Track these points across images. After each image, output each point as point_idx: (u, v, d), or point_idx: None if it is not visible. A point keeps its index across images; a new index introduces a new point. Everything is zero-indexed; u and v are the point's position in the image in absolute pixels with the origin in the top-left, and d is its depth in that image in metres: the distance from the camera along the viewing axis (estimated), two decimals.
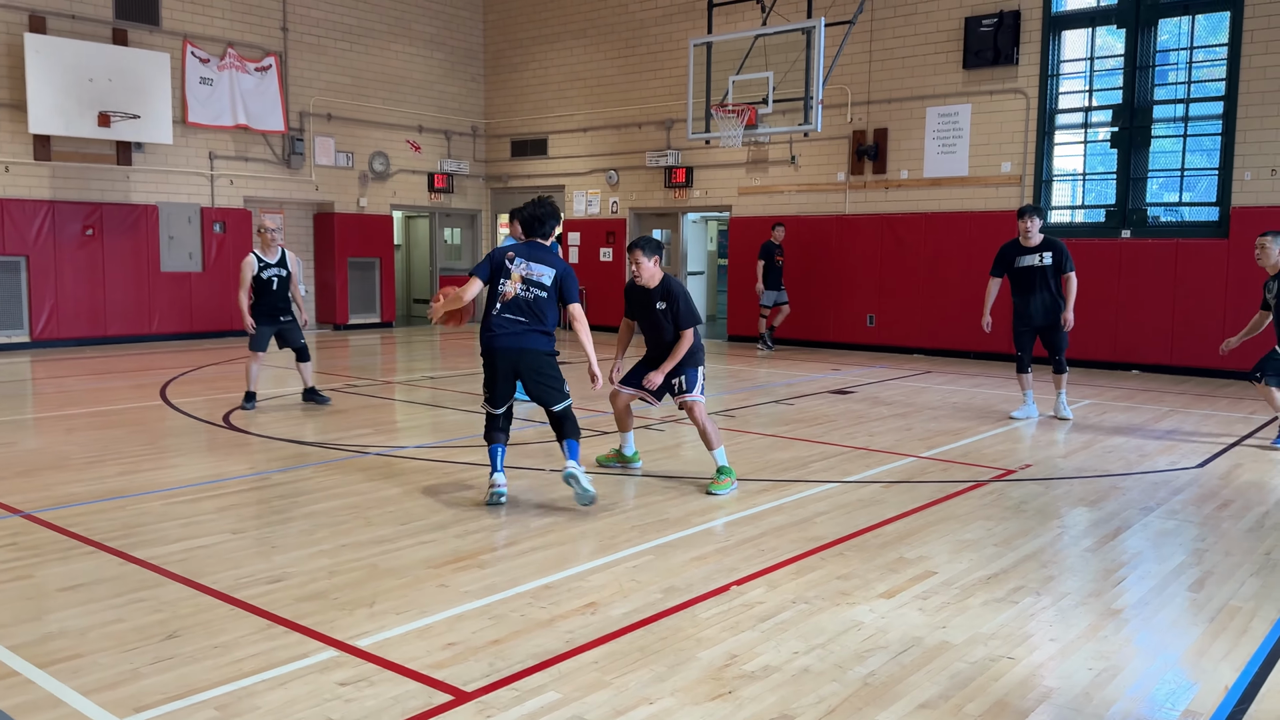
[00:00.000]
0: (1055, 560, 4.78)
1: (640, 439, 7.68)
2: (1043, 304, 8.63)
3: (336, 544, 4.92)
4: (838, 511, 5.56)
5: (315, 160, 16.54)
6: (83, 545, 4.84)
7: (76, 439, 7.53)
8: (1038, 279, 8.61)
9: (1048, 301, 8.62)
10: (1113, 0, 12.62)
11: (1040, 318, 8.65)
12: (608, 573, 4.51)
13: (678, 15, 16.45)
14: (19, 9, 13.23)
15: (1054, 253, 8.58)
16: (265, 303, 8.89)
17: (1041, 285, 8.61)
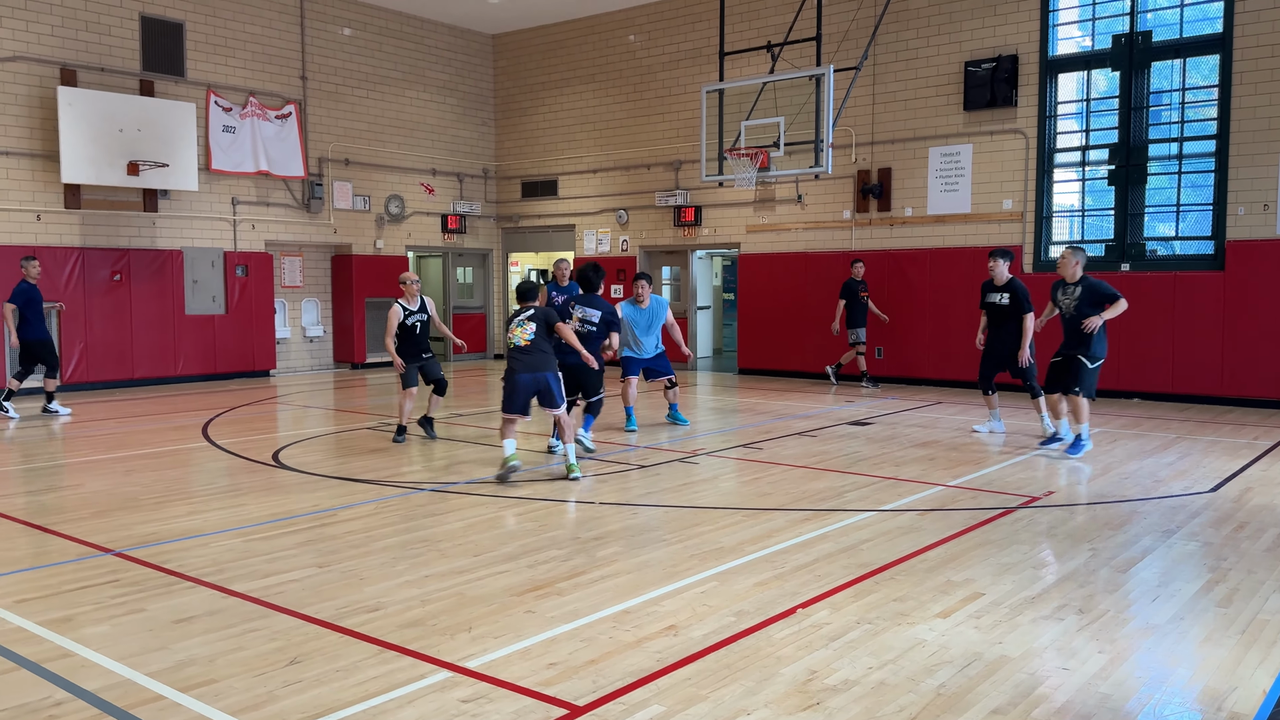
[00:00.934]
0: (1091, 580, 5.14)
1: (678, 472, 8.05)
2: (1002, 339, 9.57)
3: (419, 575, 5.25)
4: (881, 539, 5.92)
5: (334, 204, 16.96)
6: (181, 580, 5.17)
7: (138, 480, 7.85)
8: (999, 316, 9.57)
9: (1006, 338, 9.54)
10: (1106, 44, 13.17)
11: (1000, 351, 9.59)
12: (679, 598, 4.85)
13: (684, 61, 16.98)
14: (51, 63, 13.65)
15: (1011, 294, 9.48)
16: (411, 344, 9.61)
17: (1002, 322, 9.56)
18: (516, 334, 7.89)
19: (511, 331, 7.94)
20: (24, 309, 11.46)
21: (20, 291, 11.47)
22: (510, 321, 8.05)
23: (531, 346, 7.80)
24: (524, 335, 7.83)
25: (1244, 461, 8.50)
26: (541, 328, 7.86)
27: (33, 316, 11.50)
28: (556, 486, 7.54)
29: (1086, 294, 8.55)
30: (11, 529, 6.26)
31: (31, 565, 5.44)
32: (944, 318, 14.36)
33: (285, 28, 16.23)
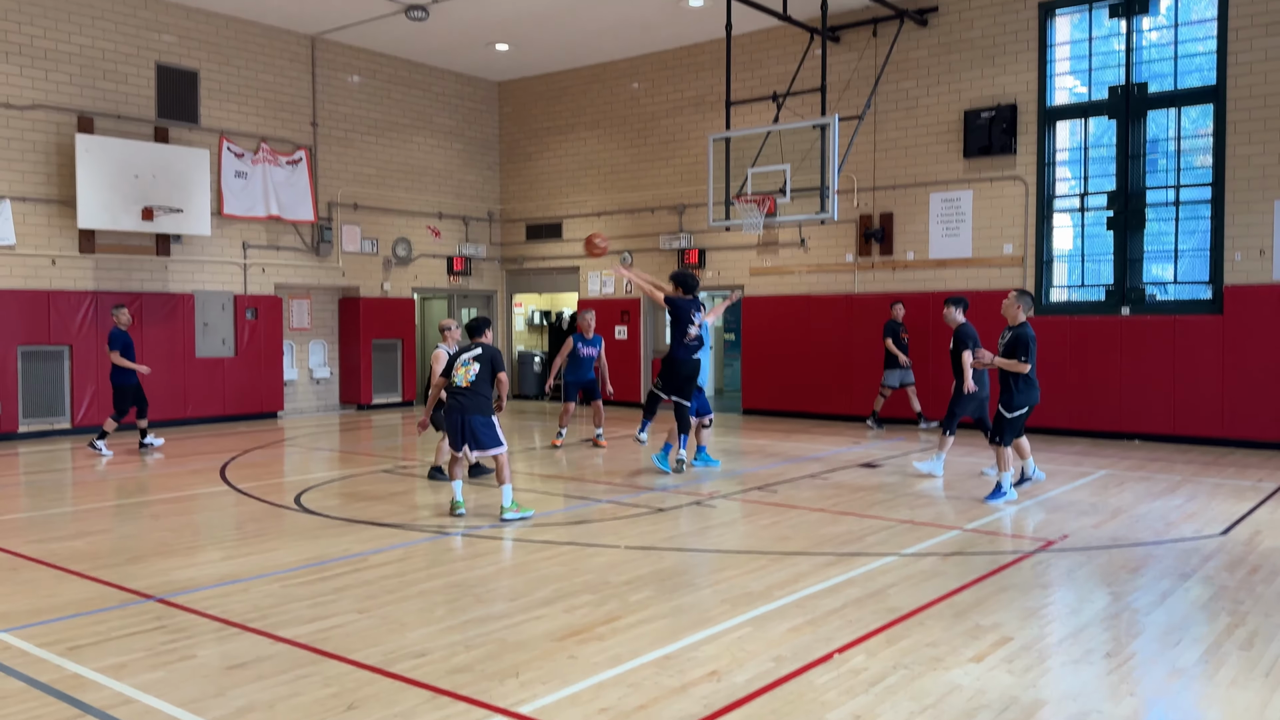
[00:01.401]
0: (1115, 624, 5.29)
1: (696, 515, 8.19)
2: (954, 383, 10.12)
3: (459, 620, 5.37)
4: (906, 583, 6.06)
5: (342, 247, 17.17)
6: (227, 626, 5.27)
7: (166, 525, 7.95)
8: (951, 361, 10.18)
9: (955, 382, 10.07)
10: (1103, 95, 13.52)
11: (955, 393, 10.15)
12: (716, 644, 4.98)
13: (687, 108, 17.32)
14: (69, 111, 13.89)
15: (955, 337, 10.09)
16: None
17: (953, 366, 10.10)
18: (460, 373, 8.17)
19: (457, 369, 8.20)
20: (124, 352, 12.07)
21: (117, 336, 12.10)
22: (456, 357, 8.27)
23: (471, 389, 8.09)
24: (466, 376, 8.13)
25: (1251, 504, 8.67)
26: (486, 369, 8.15)
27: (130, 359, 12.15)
28: (580, 530, 7.66)
29: (1011, 342, 8.57)
30: (51, 575, 6.36)
31: (78, 611, 5.54)
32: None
33: (296, 76, 16.53)
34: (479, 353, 8.22)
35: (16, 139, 13.46)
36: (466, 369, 8.17)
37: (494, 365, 8.19)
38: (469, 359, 8.20)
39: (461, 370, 8.17)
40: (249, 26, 15.85)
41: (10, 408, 13.45)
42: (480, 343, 8.37)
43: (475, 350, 8.25)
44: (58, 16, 13.77)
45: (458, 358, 8.27)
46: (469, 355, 8.22)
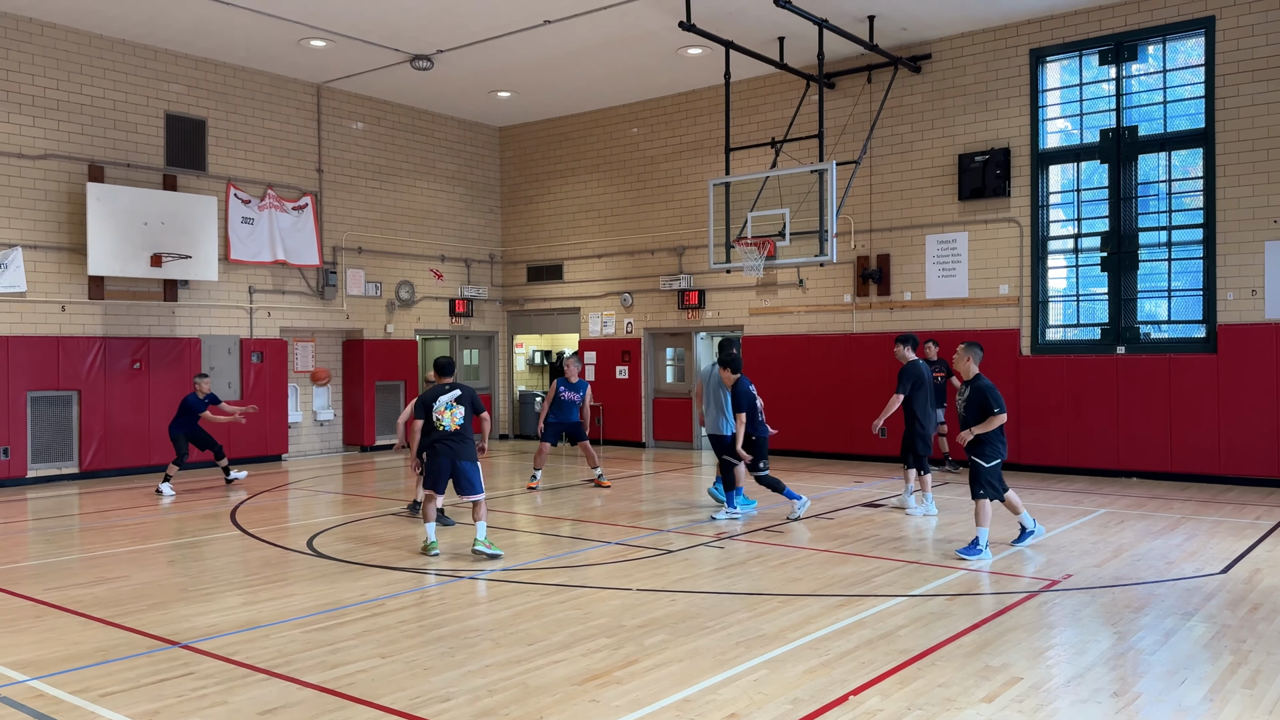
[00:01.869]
0: (1121, 664, 5.42)
1: (705, 556, 8.31)
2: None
3: (480, 664, 5.48)
4: (915, 625, 6.19)
5: (347, 291, 17.37)
6: (254, 673, 5.38)
7: (184, 570, 8.06)
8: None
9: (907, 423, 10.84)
10: (1094, 138, 13.82)
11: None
12: (734, 686, 5.10)
13: (686, 152, 17.63)
14: (80, 160, 14.12)
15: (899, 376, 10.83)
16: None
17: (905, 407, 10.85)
18: (446, 416, 8.29)
19: (440, 413, 8.29)
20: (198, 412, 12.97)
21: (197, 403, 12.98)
22: (436, 399, 8.33)
23: (460, 433, 8.34)
24: (454, 419, 8.32)
25: (1249, 542, 8.82)
26: (468, 410, 8.39)
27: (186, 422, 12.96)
28: (590, 573, 7.78)
29: (974, 398, 8.27)
30: (74, 621, 6.47)
31: (105, 659, 5.65)
32: (947, 399, 14.72)
33: (302, 123, 16.81)
34: (459, 394, 8.37)
35: (29, 188, 13.68)
36: (451, 412, 8.29)
37: (475, 407, 8.44)
38: (450, 401, 8.32)
39: (447, 414, 8.27)
40: (256, 76, 16.15)
41: (19, 452, 13.56)
42: (456, 383, 8.48)
43: (455, 392, 8.36)
44: (70, 69, 14.04)
45: (435, 400, 8.34)
46: (449, 398, 8.33)
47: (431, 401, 8.38)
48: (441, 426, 8.32)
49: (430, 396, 8.42)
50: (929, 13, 13.74)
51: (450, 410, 8.33)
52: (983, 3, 13.41)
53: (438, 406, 8.35)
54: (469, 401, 8.41)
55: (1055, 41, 13.91)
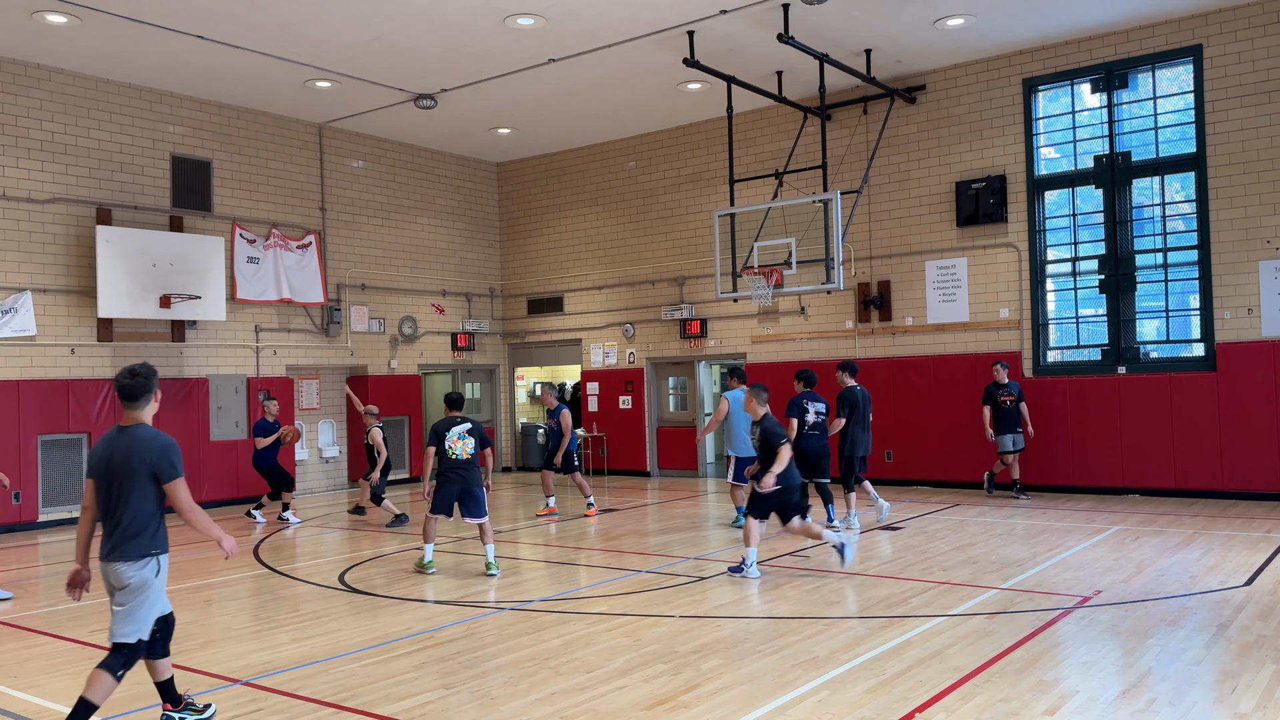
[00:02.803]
0: (1169, 675, 5.58)
1: (739, 582, 8.42)
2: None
3: (545, 693, 5.58)
4: (962, 643, 6.33)
5: (351, 327, 17.46)
6: (323, 706, 5.46)
7: (223, 609, 8.10)
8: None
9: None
10: (1089, 164, 14.17)
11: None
12: (800, 708, 5.22)
13: (685, 184, 17.89)
14: (88, 203, 14.20)
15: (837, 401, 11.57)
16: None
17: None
18: (458, 446, 9.04)
19: (453, 442, 9.03)
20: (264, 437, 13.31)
21: (261, 426, 13.40)
22: (449, 430, 9.06)
23: (470, 462, 9.10)
24: (465, 450, 9.06)
25: (1265, 555, 9.03)
26: (478, 442, 9.15)
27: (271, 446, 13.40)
28: (630, 601, 7.88)
29: (762, 438, 8.73)
30: None
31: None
32: (951, 422, 14.97)
33: (305, 163, 16.96)
34: (470, 427, 9.14)
35: (38, 232, 13.74)
36: (464, 443, 9.05)
37: (483, 440, 9.19)
38: (463, 433, 9.08)
39: (460, 444, 9.03)
40: (260, 117, 16.31)
41: (30, 496, 13.52)
42: (466, 417, 9.25)
43: (466, 425, 9.14)
44: (77, 113, 14.15)
45: (448, 430, 9.06)
46: (461, 429, 9.09)
47: (445, 431, 9.10)
48: (454, 455, 9.05)
49: (444, 427, 9.14)
50: (923, 45, 14.09)
51: (463, 440, 9.08)
52: (975, 35, 13.77)
53: (450, 436, 9.08)
54: (478, 435, 9.18)
55: (1047, 71, 14.29)
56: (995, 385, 13.45)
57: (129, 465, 4.80)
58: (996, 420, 13.32)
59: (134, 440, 4.84)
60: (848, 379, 11.56)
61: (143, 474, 4.81)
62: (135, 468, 4.80)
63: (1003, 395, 13.31)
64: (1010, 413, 13.26)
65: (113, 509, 4.85)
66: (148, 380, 4.96)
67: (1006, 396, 13.29)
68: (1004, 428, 13.29)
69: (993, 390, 13.45)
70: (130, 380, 4.91)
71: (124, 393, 4.93)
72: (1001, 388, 13.35)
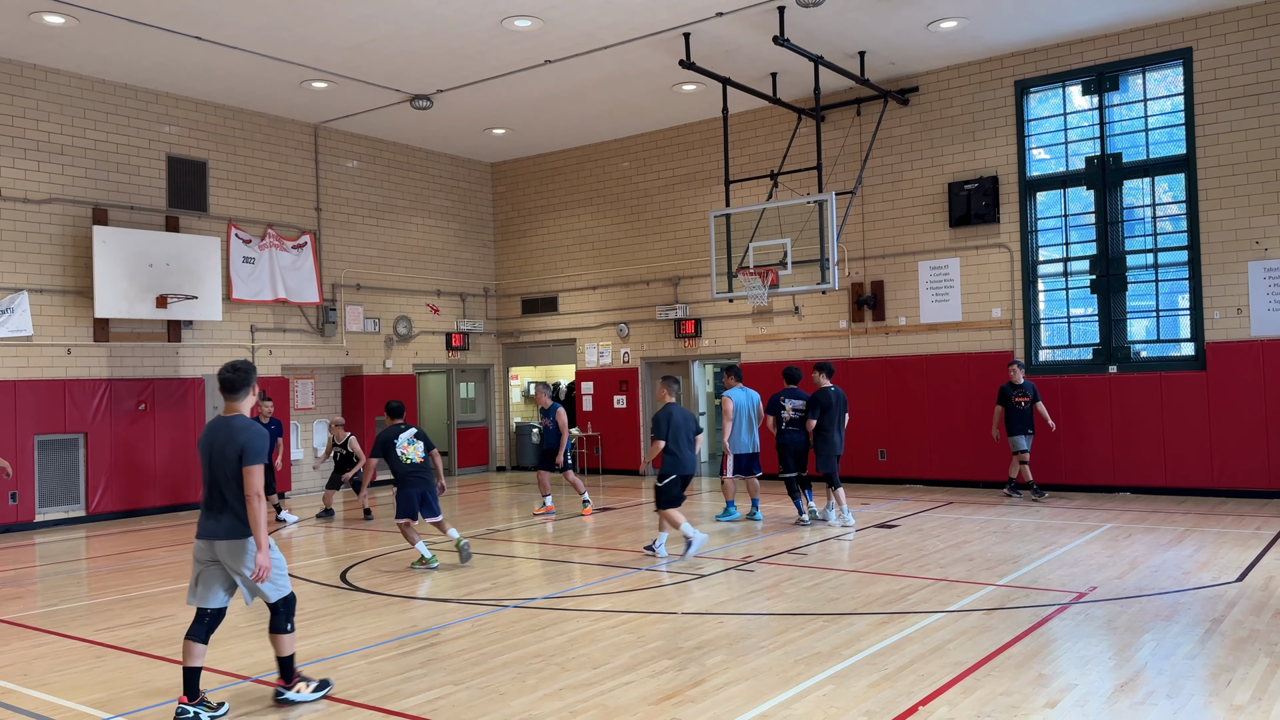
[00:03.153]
0: (1166, 669, 5.70)
1: (738, 580, 8.52)
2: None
3: (553, 688, 5.66)
4: (962, 638, 6.44)
5: (346, 327, 17.50)
6: (335, 703, 5.52)
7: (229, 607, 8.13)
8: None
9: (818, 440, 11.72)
10: (1080, 165, 14.32)
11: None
12: (805, 701, 5.31)
13: (679, 185, 17.98)
14: (84, 203, 14.22)
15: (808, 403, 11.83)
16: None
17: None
18: (410, 451, 9.45)
19: (404, 448, 9.44)
20: None
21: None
22: (395, 439, 9.44)
23: (424, 464, 9.54)
24: (417, 453, 9.54)
25: (1256, 551, 9.17)
26: (426, 445, 9.58)
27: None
28: (632, 599, 7.97)
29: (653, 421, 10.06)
30: (137, 661, 6.56)
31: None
32: (944, 420, 15.11)
33: (300, 163, 17.00)
34: (416, 432, 9.57)
35: (34, 232, 13.75)
36: (414, 447, 9.47)
37: (429, 443, 9.62)
38: (411, 438, 9.49)
39: (411, 449, 9.44)
40: (255, 117, 16.33)
41: (27, 496, 13.53)
42: (410, 423, 9.70)
43: (413, 430, 9.57)
44: (73, 113, 14.16)
45: (396, 438, 9.43)
46: (409, 435, 9.49)
47: (393, 439, 9.47)
48: (408, 460, 9.45)
49: (390, 435, 9.51)
50: (916, 47, 14.21)
51: (412, 445, 9.50)
52: (968, 37, 13.90)
53: (400, 443, 9.47)
54: (424, 438, 9.60)
55: (1039, 73, 14.43)
56: (1010, 385, 13.28)
57: (225, 452, 5.24)
58: (1010, 420, 13.18)
59: (231, 428, 5.28)
60: (823, 380, 11.77)
61: (237, 459, 5.22)
62: (230, 455, 5.23)
63: (1017, 396, 13.16)
64: (1025, 413, 13.11)
65: (215, 491, 5.32)
66: (247, 375, 5.41)
67: (1021, 397, 13.14)
68: (1018, 428, 13.15)
69: (1008, 390, 13.27)
70: (232, 375, 5.38)
71: (226, 385, 5.39)
72: (1017, 388, 13.19)
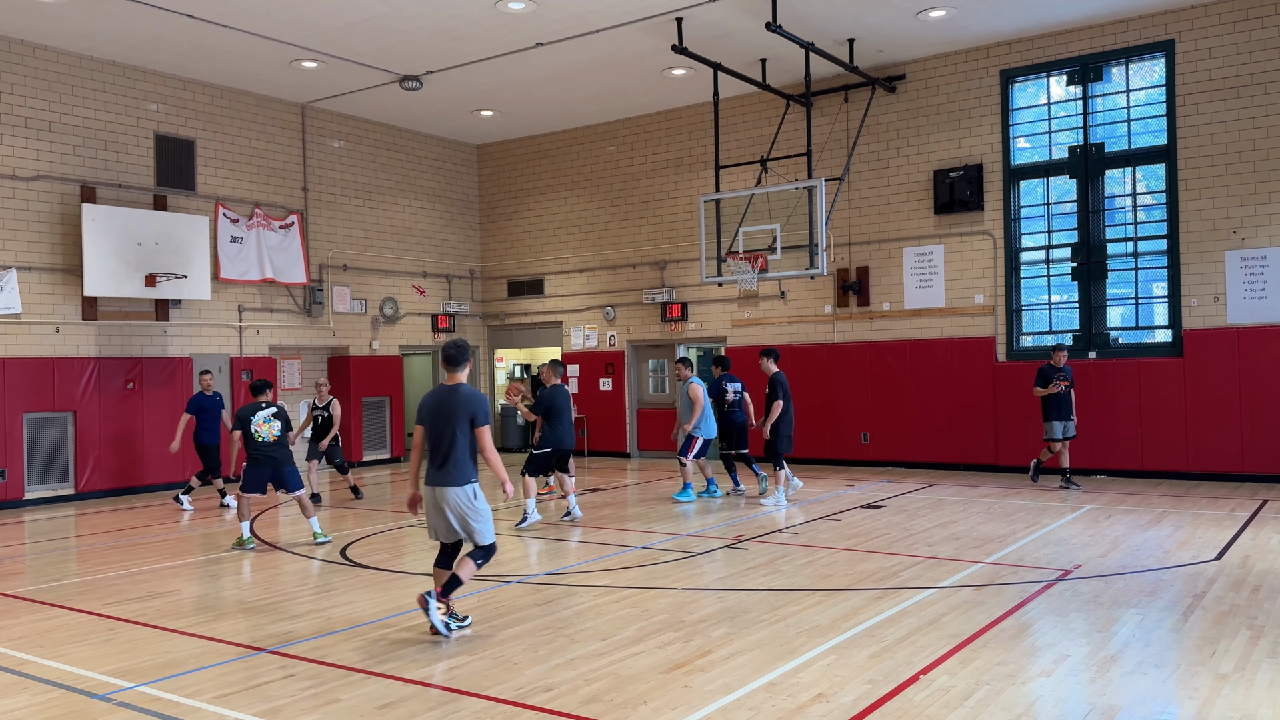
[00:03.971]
0: (1152, 641, 5.94)
1: (734, 557, 8.72)
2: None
3: (565, 658, 5.83)
4: (955, 612, 6.67)
5: (333, 308, 17.53)
6: (352, 672, 5.67)
7: (232, 584, 8.26)
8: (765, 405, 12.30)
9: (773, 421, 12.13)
10: (1063, 154, 14.57)
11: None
12: (810, 671, 5.51)
13: (667, 169, 18.10)
14: (72, 181, 14.15)
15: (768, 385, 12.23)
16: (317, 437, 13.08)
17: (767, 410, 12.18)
18: (264, 429, 9.68)
19: (259, 426, 9.67)
20: (197, 416, 12.97)
21: (193, 401, 13.10)
22: (252, 416, 9.69)
23: (278, 443, 9.77)
24: (271, 432, 9.74)
25: (1232, 532, 9.48)
26: (284, 425, 9.84)
27: (208, 423, 13.02)
28: (633, 575, 8.14)
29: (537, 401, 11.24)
30: (150, 634, 6.66)
31: (201, 665, 5.87)
32: (926, 404, 15.38)
33: (288, 143, 16.97)
34: (275, 410, 9.81)
35: (22, 209, 13.68)
36: (269, 426, 9.70)
37: (287, 423, 9.94)
38: (268, 416, 9.74)
39: (265, 427, 9.68)
40: (243, 96, 16.28)
41: (16, 475, 13.51)
42: (270, 401, 9.91)
43: (272, 409, 9.80)
44: (61, 90, 14.08)
45: (252, 416, 9.68)
46: (266, 414, 9.74)
47: (250, 417, 9.71)
48: (260, 438, 9.68)
49: (248, 413, 9.75)
50: (904, 35, 14.38)
51: (268, 424, 9.73)
52: (956, 26, 14.09)
53: (256, 421, 9.70)
54: (283, 417, 9.86)
55: (1024, 63, 14.65)
56: (1051, 368, 12.68)
57: (455, 413, 6.26)
58: (1048, 405, 12.65)
59: (457, 395, 6.33)
60: (772, 365, 12.33)
61: (464, 419, 6.25)
62: (459, 415, 6.26)
63: (1059, 379, 12.59)
64: (1065, 398, 12.59)
65: (440, 447, 6.30)
66: (466, 351, 6.48)
67: (1064, 382, 12.58)
68: (1055, 414, 12.61)
69: (1048, 372, 12.66)
70: (455, 351, 6.43)
71: (448, 360, 6.44)
72: (1058, 371, 12.62)
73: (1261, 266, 13.05)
